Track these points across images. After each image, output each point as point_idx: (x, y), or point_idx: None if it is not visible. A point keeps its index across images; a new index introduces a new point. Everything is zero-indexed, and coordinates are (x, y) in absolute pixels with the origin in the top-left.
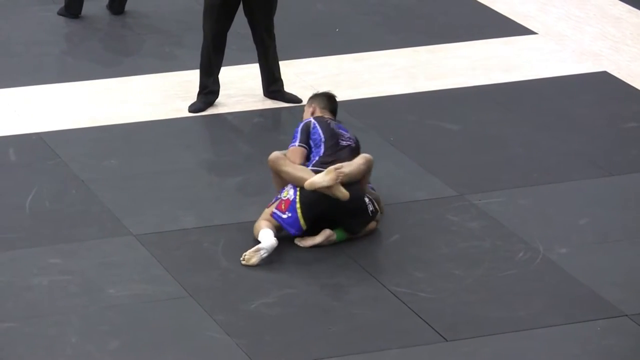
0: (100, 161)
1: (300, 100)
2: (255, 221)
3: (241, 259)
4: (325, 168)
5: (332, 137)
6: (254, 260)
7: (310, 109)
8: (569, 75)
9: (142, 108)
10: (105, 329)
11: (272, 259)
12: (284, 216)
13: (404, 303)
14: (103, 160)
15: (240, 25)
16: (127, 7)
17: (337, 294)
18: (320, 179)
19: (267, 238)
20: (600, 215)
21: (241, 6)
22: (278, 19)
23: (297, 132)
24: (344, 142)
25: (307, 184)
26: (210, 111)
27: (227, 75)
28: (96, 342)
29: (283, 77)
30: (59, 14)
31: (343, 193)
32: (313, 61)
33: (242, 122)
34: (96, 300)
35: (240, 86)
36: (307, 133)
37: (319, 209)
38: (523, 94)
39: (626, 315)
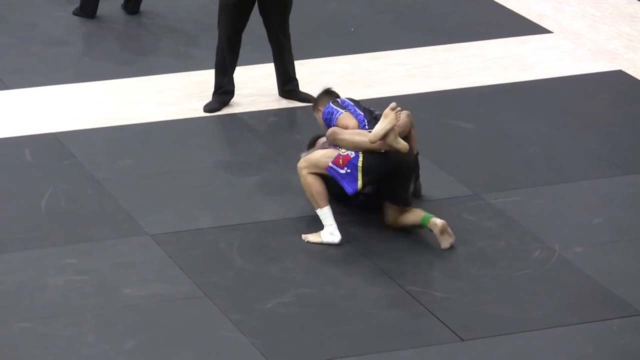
0: (115, 161)
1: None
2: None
3: (303, 236)
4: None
5: (364, 110)
6: (311, 238)
7: (319, 113)
8: (584, 74)
9: (157, 108)
10: (121, 329)
11: (287, 258)
12: (342, 171)
13: (419, 303)
14: (119, 160)
15: (255, 25)
16: (142, 7)
17: (352, 294)
18: (380, 125)
19: (330, 237)
20: (616, 214)
21: (256, 5)
22: (293, 18)
23: (332, 111)
24: (376, 111)
25: (372, 137)
26: (225, 111)
27: (242, 74)
28: (112, 342)
29: (298, 76)
30: (75, 14)
31: (402, 144)
32: (328, 60)
33: (257, 122)
34: (112, 300)
35: (256, 86)
36: (341, 106)
37: (380, 171)
38: (538, 93)
39: None
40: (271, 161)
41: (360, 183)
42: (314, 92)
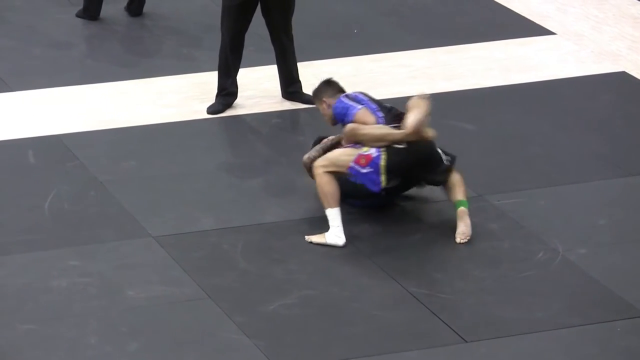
0: (119, 163)
1: None
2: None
3: (306, 237)
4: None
5: (378, 104)
6: (314, 240)
7: (323, 105)
8: (587, 76)
9: (160, 110)
10: (125, 331)
11: (290, 259)
12: (364, 170)
13: (423, 304)
14: (122, 162)
15: (258, 26)
16: (145, 8)
17: (356, 295)
18: (414, 115)
19: (335, 238)
20: (620, 216)
21: (259, 7)
22: (296, 20)
23: (346, 106)
24: (390, 105)
25: (409, 126)
26: (228, 113)
27: (245, 76)
28: (115, 343)
29: (301, 78)
30: (78, 16)
31: (431, 132)
32: (331, 62)
33: (260, 124)
34: (115, 302)
35: (259, 87)
36: (355, 101)
37: (403, 166)
38: (541, 95)
39: None
40: (274, 163)
41: (384, 181)
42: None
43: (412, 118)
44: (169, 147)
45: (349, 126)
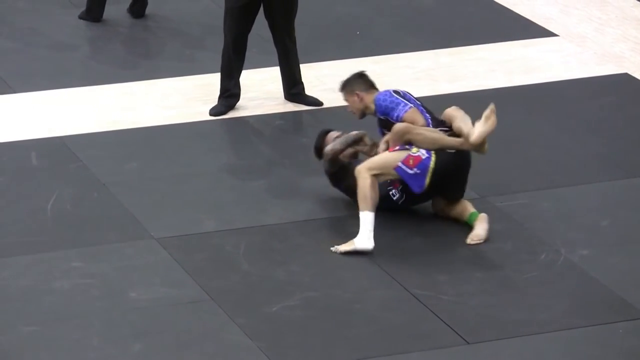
0: (121, 164)
1: (321, 103)
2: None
3: (333, 249)
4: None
5: (426, 109)
6: (343, 248)
7: (355, 97)
8: (590, 77)
9: (163, 111)
10: (127, 332)
11: (293, 261)
12: (410, 172)
13: (425, 306)
14: (124, 164)
15: (261, 28)
16: (148, 10)
17: (358, 297)
18: (483, 128)
19: (366, 242)
20: (622, 217)
21: (261, 9)
22: (298, 21)
23: (397, 101)
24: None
25: (475, 139)
26: (231, 114)
27: (248, 78)
28: (118, 345)
29: (304, 80)
30: (80, 17)
31: (486, 148)
32: (334, 64)
33: (263, 125)
34: (118, 304)
35: (261, 89)
36: (404, 99)
37: (447, 171)
38: (544, 96)
39: None
40: (277, 164)
41: (428, 181)
42: (320, 95)
43: (481, 130)
44: (171, 149)
45: (403, 125)
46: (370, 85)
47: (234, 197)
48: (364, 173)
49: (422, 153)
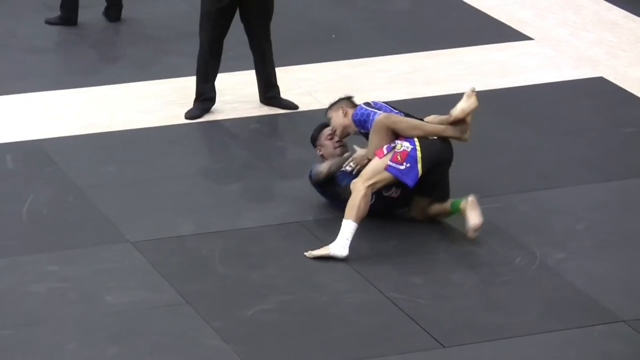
0: (97, 168)
1: (296, 107)
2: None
3: (307, 254)
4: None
5: (393, 108)
6: (317, 253)
7: (340, 112)
8: (566, 81)
9: (139, 115)
10: (103, 336)
11: (269, 265)
12: (402, 167)
13: (401, 309)
14: (100, 167)
15: (237, 32)
16: (124, 14)
17: (334, 300)
18: (464, 104)
19: (340, 249)
20: (598, 221)
21: (238, 12)
22: (275, 25)
23: (364, 112)
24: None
25: (457, 113)
26: (206, 118)
27: (224, 81)
28: (94, 349)
29: (280, 83)
30: (48, 22)
31: (469, 134)
32: (310, 67)
33: (239, 129)
34: (94, 307)
35: (237, 92)
36: (375, 108)
37: (436, 158)
38: (520, 100)
39: (623, 321)
40: (253, 168)
41: (420, 170)
42: (296, 99)
43: (463, 106)
44: (147, 152)
45: (383, 115)
46: (355, 106)
47: (210, 201)
48: (359, 185)
49: (407, 146)
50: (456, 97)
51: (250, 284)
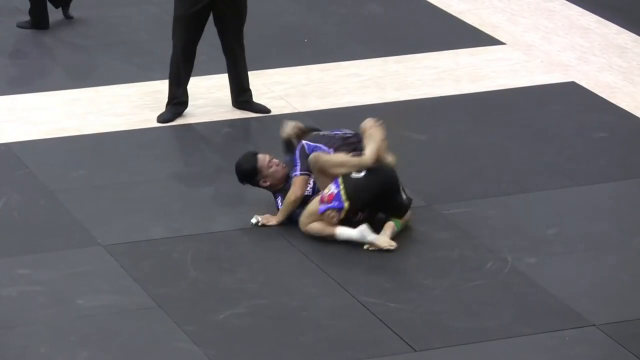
0: (69, 172)
1: (269, 111)
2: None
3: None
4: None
5: (335, 140)
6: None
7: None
8: (537, 86)
9: (110, 118)
10: (75, 340)
11: (240, 269)
12: (330, 204)
13: (372, 313)
14: (72, 171)
15: (209, 35)
16: (97, 18)
17: (306, 305)
18: (372, 144)
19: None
20: (569, 226)
21: (211, 16)
22: (247, 29)
23: (297, 159)
24: (348, 134)
25: (368, 160)
26: (179, 121)
27: (196, 85)
28: (65, 352)
29: (252, 87)
30: (23, 27)
31: (391, 157)
32: (282, 71)
33: (211, 133)
34: (65, 311)
35: (209, 96)
36: (306, 157)
37: (367, 195)
38: (491, 104)
39: (594, 325)
40: (225, 172)
41: (347, 205)
42: (268, 103)
43: (370, 149)
44: (119, 156)
45: (312, 157)
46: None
47: (182, 205)
48: (304, 227)
49: (332, 189)
50: (427, 102)
51: (222, 288)
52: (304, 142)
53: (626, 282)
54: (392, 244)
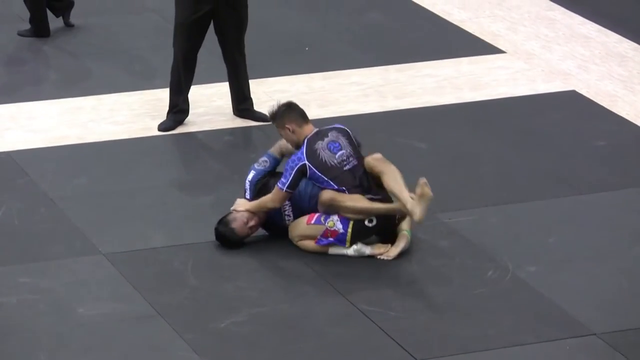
0: (69, 180)
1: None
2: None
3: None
4: (358, 191)
5: (332, 169)
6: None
7: (287, 131)
8: (538, 94)
9: (112, 127)
10: (75, 348)
11: (241, 277)
12: (330, 240)
13: (373, 322)
14: (73, 179)
15: (210, 44)
16: (98, 25)
17: (307, 313)
18: (422, 205)
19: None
20: (570, 234)
21: (211, 25)
22: (248, 37)
23: (288, 172)
24: (347, 165)
25: (418, 219)
26: (180, 130)
27: (197, 93)
28: None
29: (253, 95)
30: (25, 35)
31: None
32: (283, 80)
33: (212, 141)
34: (65, 319)
35: (210, 104)
36: (301, 177)
37: (366, 237)
38: (492, 113)
39: (595, 334)
40: (226, 180)
41: (347, 245)
42: (268, 111)
43: (421, 209)
44: (120, 164)
45: (328, 195)
46: (301, 116)
47: (183, 213)
48: (294, 239)
49: (339, 228)
50: (428, 110)
51: (223, 296)
52: (307, 163)
53: (627, 290)
54: (390, 256)
